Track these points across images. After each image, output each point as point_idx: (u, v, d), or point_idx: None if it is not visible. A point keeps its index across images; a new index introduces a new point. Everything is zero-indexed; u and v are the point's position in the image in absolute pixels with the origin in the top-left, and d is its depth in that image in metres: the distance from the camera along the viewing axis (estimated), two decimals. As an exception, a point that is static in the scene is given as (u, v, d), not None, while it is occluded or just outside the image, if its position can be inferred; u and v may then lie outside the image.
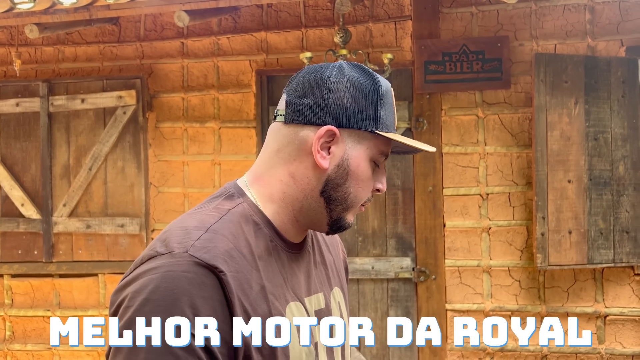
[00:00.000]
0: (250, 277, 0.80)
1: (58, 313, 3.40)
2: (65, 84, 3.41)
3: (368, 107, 0.85)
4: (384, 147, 0.87)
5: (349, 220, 0.90)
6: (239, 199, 0.87)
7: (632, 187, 2.85)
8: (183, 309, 0.71)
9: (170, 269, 0.74)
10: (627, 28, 2.96)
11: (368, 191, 0.89)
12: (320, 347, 0.90)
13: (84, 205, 3.39)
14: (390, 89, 0.89)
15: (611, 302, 2.93)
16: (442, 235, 3.06)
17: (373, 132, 0.84)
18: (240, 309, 0.76)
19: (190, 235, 0.78)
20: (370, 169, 0.87)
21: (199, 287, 0.73)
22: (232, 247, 0.79)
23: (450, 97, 3.08)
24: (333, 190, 0.86)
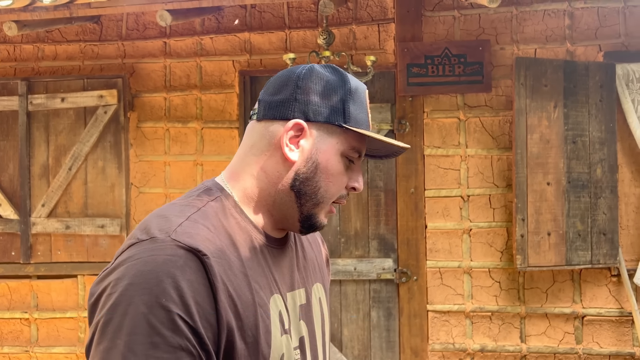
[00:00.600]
0: (233, 264, 0.80)
1: (36, 315, 3.35)
2: (45, 82, 3.37)
3: (336, 102, 0.86)
4: (355, 142, 0.88)
5: (320, 219, 0.90)
6: (218, 193, 0.87)
7: (609, 189, 2.90)
8: (168, 291, 0.71)
9: (153, 253, 0.73)
10: (605, 34, 3.02)
11: (340, 187, 0.89)
12: (307, 341, 0.91)
13: (64, 206, 3.34)
14: (362, 89, 0.91)
15: (589, 302, 2.98)
16: (424, 236, 3.08)
17: (341, 126, 0.86)
18: (224, 293, 0.76)
19: (171, 222, 0.78)
20: (341, 164, 0.88)
21: (183, 269, 0.73)
22: (214, 235, 0.79)
23: (433, 100, 3.11)
24: (303, 184, 0.86)
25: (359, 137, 0.88)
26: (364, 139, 0.89)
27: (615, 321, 2.96)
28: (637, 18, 3.00)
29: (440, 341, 3.06)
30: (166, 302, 0.70)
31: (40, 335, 3.38)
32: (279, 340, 0.83)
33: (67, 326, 3.35)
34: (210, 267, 0.75)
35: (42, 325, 3.37)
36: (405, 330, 3.08)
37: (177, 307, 0.71)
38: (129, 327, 0.69)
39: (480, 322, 3.05)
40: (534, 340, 3.00)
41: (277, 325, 0.83)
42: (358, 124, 0.87)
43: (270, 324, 0.82)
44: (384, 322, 3.12)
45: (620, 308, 2.95)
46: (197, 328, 0.72)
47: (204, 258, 0.75)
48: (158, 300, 0.70)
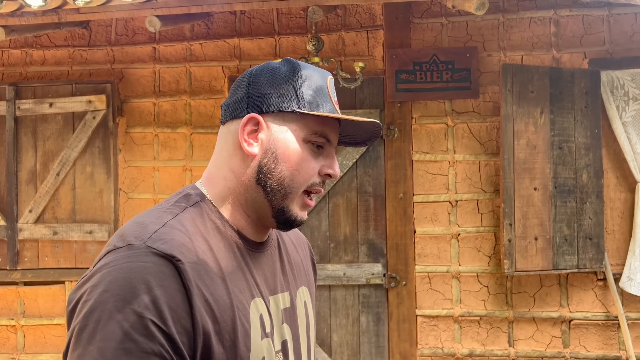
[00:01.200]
0: (210, 269, 0.80)
1: (22, 322, 3.32)
2: (33, 87, 3.35)
3: (287, 89, 0.87)
4: (316, 127, 0.87)
5: (294, 212, 0.88)
6: (196, 198, 0.88)
7: (594, 194, 2.94)
8: (142, 297, 0.71)
9: (128, 260, 0.74)
10: (589, 41, 3.06)
11: (307, 174, 0.87)
12: (291, 345, 0.91)
13: (51, 211, 3.32)
14: (321, 75, 0.90)
15: (575, 306, 3.00)
16: (413, 241, 3.10)
17: (295, 112, 0.86)
18: (200, 297, 0.76)
19: (147, 228, 0.79)
20: (304, 151, 0.87)
21: (157, 276, 0.73)
22: (189, 241, 0.80)
23: (421, 106, 3.13)
24: (266, 176, 0.86)
25: (322, 121, 0.87)
26: (329, 124, 0.88)
27: (601, 325, 2.99)
28: (621, 26, 3.05)
29: (429, 346, 3.07)
30: (139, 308, 0.71)
31: (27, 342, 3.34)
32: (259, 343, 0.83)
33: (54, 333, 3.32)
34: (185, 273, 0.75)
35: (29, 332, 3.34)
36: (394, 335, 3.08)
37: (150, 313, 0.71)
38: (103, 334, 0.70)
39: (468, 326, 3.07)
40: (521, 345, 3.02)
41: (258, 329, 0.84)
42: (315, 108, 0.87)
43: (249, 327, 0.82)
44: (373, 327, 3.13)
45: (607, 312, 2.98)
46: (171, 333, 0.72)
47: (178, 264, 0.75)
48: (131, 306, 0.71)
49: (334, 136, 0.90)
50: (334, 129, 0.90)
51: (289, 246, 1.02)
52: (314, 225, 3.15)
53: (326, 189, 3.15)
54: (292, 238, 1.06)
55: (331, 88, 0.91)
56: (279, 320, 0.90)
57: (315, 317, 1.06)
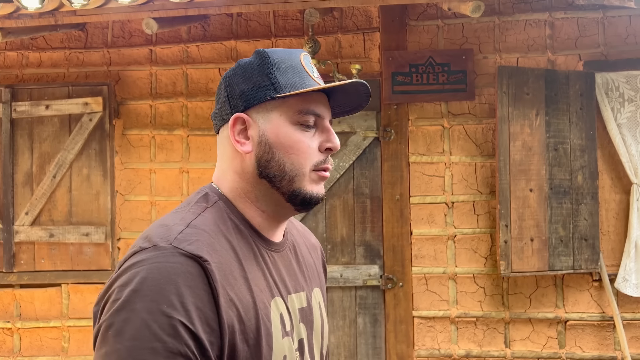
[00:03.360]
0: (234, 269, 0.81)
1: (19, 325, 3.31)
2: (29, 89, 3.34)
3: (260, 79, 0.87)
4: (300, 105, 0.88)
5: (308, 190, 0.89)
6: (215, 198, 0.90)
7: (589, 196, 2.96)
8: (170, 298, 0.72)
9: (156, 260, 0.75)
10: (584, 43, 3.08)
11: (306, 155, 0.88)
12: (306, 344, 0.93)
13: (47, 214, 3.31)
14: (293, 55, 0.90)
15: (571, 307, 3.02)
16: (409, 243, 3.11)
17: (274, 97, 0.86)
18: (225, 297, 0.77)
19: (172, 230, 0.80)
20: (295, 132, 0.87)
21: (185, 276, 0.74)
22: (214, 241, 0.81)
23: (417, 108, 3.14)
24: (266, 168, 0.88)
25: (305, 99, 0.88)
26: (314, 99, 0.89)
27: (597, 325, 3.01)
28: (615, 28, 3.07)
29: (425, 347, 3.08)
30: (167, 308, 0.71)
31: (23, 345, 3.33)
32: (281, 342, 0.85)
33: (50, 336, 3.31)
34: (211, 273, 0.76)
35: (25, 335, 3.33)
36: (391, 336, 3.09)
37: (178, 313, 0.72)
38: (130, 333, 0.70)
39: (465, 327, 3.08)
40: (518, 345, 3.04)
41: (279, 328, 0.85)
42: (294, 87, 0.87)
43: (271, 326, 0.83)
44: (370, 329, 3.14)
45: (602, 312, 2.99)
46: (198, 334, 0.73)
47: (205, 264, 0.76)
48: (159, 306, 0.71)
49: (323, 110, 0.90)
50: (322, 102, 0.90)
51: (302, 248, 1.03)
52: (310, 226, 3.16)
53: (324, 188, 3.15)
54: (305, 241, 1.07)
55: (306, 64, 0.90)
56: (296, 319, 0.91)
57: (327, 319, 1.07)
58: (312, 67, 0.91)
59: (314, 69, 0.92)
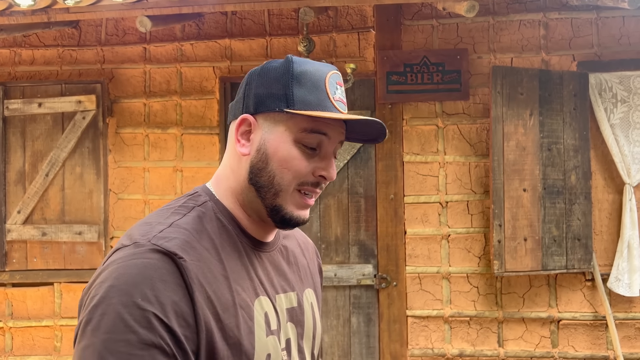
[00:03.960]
0: (213, 267, 0.82)
1: (11, 324, 3.29)
2: (22, 87, 3.32)
3: (277, 89, 0.86)
4: (309, 124, 0.86)
5: (289, 210, 0.88)
6: (205, 198, 0.90)
7: (583, 196, 2.97)
8: (144, 292, 0.73)
9: (134, 257, 0.77)
10: (578, 44, 3.09)
11: (298, 173, 0.87)
12: (293, 344, 0.93)
13: (40, 212, 3.29)
14: (317, 71, 0.87)
15: (564, 307, 3.03)
16: (403, 242, 3.11)
17: (283, 111, 0.85)
18: (202, 294, 0.78)
19: (154, 228, 0.82)
20: (294, 150, 0.86)
21: (160, 271, 0.75)
22: (194, 240, 0.82)
23: (412, 107, 3.14)
24: (257, 175, 0.87)
25: (315, 120, 0.86)
26: (325, 122, 0.87)
27: (589, 325, 3.02)
28: (609, 29, 3.09)
29: (419, 346, 3.09)
30: (142, 301, 0.73)
31: (15, 344, 3.31)
32: (264, 341, 0.85)
33: (42, 335, 3.29)
34: (187, 270, 0.77)
35: (17, 334, 3.31)
36: (385, 335, 3.09)
37: (153, 306, 0.73)
38: (106, 326, 0.72)
39: (458, 327, 3.08)
40: (511, 345, 3.05)
41: (262, 327, 0.85)
42: (308, 107, 0.85)
43: (253, 325, 0.83)
44: (364, 328, 3.14)
45: (595, 312, 3.01)
46: (172, 326, 0.73)
47: (180, 261, 0.77)
48: (134, 300, 0.73)
49: (332, 131, 0.88)
50: (333, 127, 0.88)
51: (295, 249, 1.03)
52: (305, 226, 3.14)
53: (317, 190, 3.15)
54: (300, 242, 1.07)
55: (330, 84, 0.88)
56: (284, 319, 0.92)
57: (321, 319, 1.07)
58: (335, 88, 0.89)
59: (339, 89, 0.89)
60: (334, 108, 0.87)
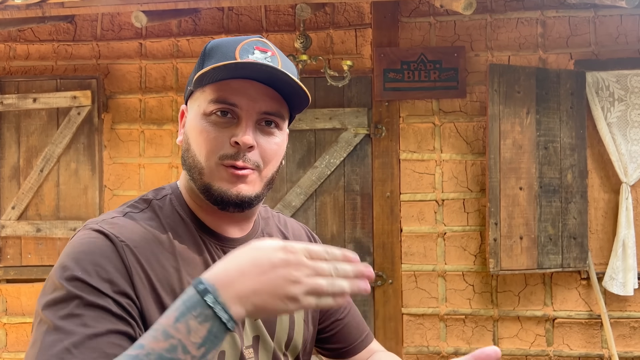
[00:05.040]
0: (163, 259, 0.82)
1: (5, 320, 3.27)
2: (17, 82, 3.30)
3: (194, 72, 0.89)
4: (213, 94, 0.84)
5: (219, 186, 0.84)
6: (167, 191, 0.91)
7: (579, 194, 2.97)
8: (85, 267, 0.75)
9: (81, 238, 0.79)
10: (575, 42, 3.09)
11: (211, 146, 0.83)
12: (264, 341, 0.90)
13: (34, 208, 3.27)
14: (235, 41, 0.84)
15: (559, 305, 3.03)
16: (399, 240, 3.10)
17: (192, 91, 0.88)
18: (141, 277, 0.78)
19: (108, 215, 0.85)
20: (205, 124, 0.84)
21: (101, 249, 0.77)
22: (145, 232, 0.83)
23: (408, 105, 3.13)
24: (184, 159, 0.89)
25: (221, 87, 0.83)
26: (235, 88, 0.83)
27: (584, 323, 3.02)
28: (606, 27, 3.08)
29: (414, 344, 3.08)
30: (83, 274, 0.74)
31: (9, 340, 3.30)
32: None
33: (37, 331, 3.28)
34: (125, 252, 0.78)
35: (12, 330, 3.30)
36: (380, 333, 3.09)
37: (93, 279, 0.74)
38: (50, 298, 0.74)
39: (454, 325, 3.08)
40: (506, 343, 3.05)
41: None
42: (212, 78, 0.83)
43: None
44: (359, 326, 3.13)
45: (590, 311, 3.01)
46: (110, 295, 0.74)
47: (121, 243, 0.79)
48: (74, 273, 0.74)
49: (244, 100, 0.83)
50: (245, 92, 0.83)
51: None
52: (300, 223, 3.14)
53: (313, 187, 3.14)
54: (290, 237, 1.04)
55: (242, 50, 0.83)
56: None
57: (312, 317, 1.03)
58: (250, 53, 0.84)
59: (257, 53, 0.84)
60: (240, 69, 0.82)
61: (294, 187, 3.15)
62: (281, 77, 0.82)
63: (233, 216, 0.90)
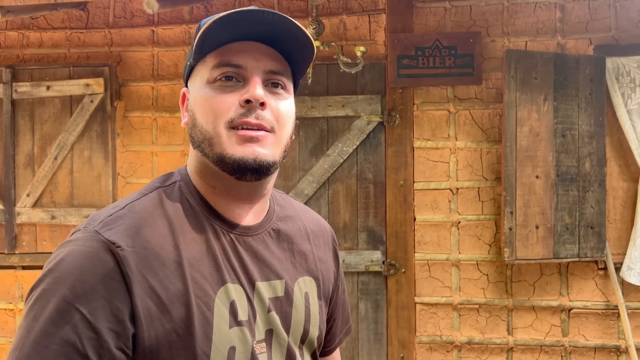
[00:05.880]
0: (164, 254, 0.78)
1: (21, 306, 3.31)
2: (30, 70, 3.31)
3: (191, 49, 0.86)
4: (217, 59, 0.81)
5: (232, 152, 0.79)
6: (176, 177, 0.87)
7: (597, 183, 2.91)
8: (74, 284, 0.72)
9: (76, 244, 0.76)
10: (595, 27, 3.01)
11: (220, 110, 0.80)
12: (278, 335, 0.86)
13: (49, 196, 3.30)
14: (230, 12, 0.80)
15: (575, 295, 2.99)
16: (412, 229, 3.08)
17: (193, 65, 0.85)
18: (142, 285, 0.75)
19: (107, 211, 0.80)
20: (209, 91, 0.81)
21: (94, 262, 0.74)
22: (144, 225, 0.79)
23: (423, 92, 3.09)
24: (192, 136, 0.85)
25: (223, 52, 0.81)
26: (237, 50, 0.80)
27: (601, 314, 2.98)
28: (627, 12, 2.99)
29: (427, 333, 3.07)
30: (69, 294, 0.72)
31: (25, 326, 3.34)
32: (225, 332, 0.79)
33: (52, 317, 3.32)
34: (124, 260, 0.74)
35: (27, 316, 3.34)
36: (393, 322, 3.08)
37: (79, 300, 0.72)
38: (34, 313, 0.73)
39: (467, 314, 3.05)
40: (520, 333, 3.02)
41: (225, 317, 0.79)
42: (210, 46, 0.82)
43: (211, 315, 0.78)
44: (372, 314, 3.12)
45: (607, 301, 2.96)
46: (95, 324, 0.72)
47: (117, 250, 0.75)
48: (62, 290, 0.72)
49: (248, 60, 0.80)
50: (247, 52, 0.80)
51: (294, 233, 0.95)
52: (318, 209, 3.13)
53: (326, 175, 3.12)
54: (308, 227, 0.99)
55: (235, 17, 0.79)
56: (265, 308, 0.85)
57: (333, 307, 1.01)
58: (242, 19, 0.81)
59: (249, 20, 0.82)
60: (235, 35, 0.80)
61: (306, 176, 3.13)
62: (284, 24, 0.79)
63: (248, 196, 0.86)
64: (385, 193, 3.11)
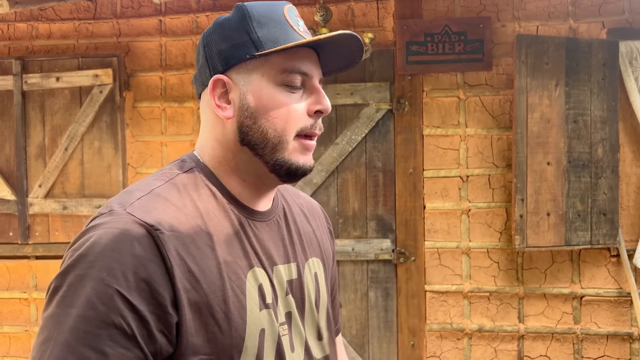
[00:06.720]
0: (198, 238, 0.77)
1: (35, 295, 3.36)
2: (40, 61, 3.32)
3: (239, 36, 0.81)
4: (285, 64, 0.81)
5: (295, 160, 0.83)
6: (191, 164, 0.86)
7: (609, 169, 2.87)
8: (112, 266, 0.70)
9: (107, 226, 0.73)
10: (608, 10, 2.95)
11: (291, 119, 0.82)
12: (296, 317, 0.88)
13: (60, 186, 3.33)
14: (276, 7, 0.83)
15: (587, 283, 2.96)
16: (422, 217, 3.06)
17: (254, 56, 0.80)
18: (182, 268, 0.74)
19: (132, 195, 0.78)
20: (279, 95, 0.81)
21: (131, 244, 0.71)
22: (175, 209, 0.78)
23: (432, 79, 3.06)
24: (248, 135, 0.82)
25: (290, 56, 0.81)
26: (300, 56, 0.82)
27: (613, 301, 2.95)
28: (642, -6, 2.93)
29: (438, 321, 3.06)
30: (107, 276, 0.69)
31: (39, 314, 3.39)
32: (257, 315, 0.80)
33: (66, 306, 3.36)
34: (164, 243, 0.73)
35: (42, 305, 3.38)
36: (403, 310, 3.08)
37: (117, 282, 0.69)
38: (69, 299, 0.70)
39: (478, 302, 3.04)
40: (532, 321, 3.00)
41: (256, 300, 0.81)
42: (276, 43, 0.80)
43: (245, 298, 0.79)
44: (382, 302, 3.12)
45: (619, 288, 2.93)
46: (137, 305, 0.70)
47: (156, 233, 0.73)
48: (100, 274, 0.69)
49: (311, 68, 0.83)
50: (310, 60, 0.83)
51: (297, 216, 0.97)
52: (322, 200, 3.12)
53: (335, 164, 3.11)
54: (304, 208, 1.02)
55: (291, 17, 0.82)
56: (283, 291, 0.87)
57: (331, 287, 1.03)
58: (297, 20, 0.84)
59: (300, 22, 0.84)
60: (302, 39, 0.82)
61: (315, 165, 3.12)
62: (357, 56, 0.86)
63: (272, 189, 0.90)
64: (394, 181, 3.09)
